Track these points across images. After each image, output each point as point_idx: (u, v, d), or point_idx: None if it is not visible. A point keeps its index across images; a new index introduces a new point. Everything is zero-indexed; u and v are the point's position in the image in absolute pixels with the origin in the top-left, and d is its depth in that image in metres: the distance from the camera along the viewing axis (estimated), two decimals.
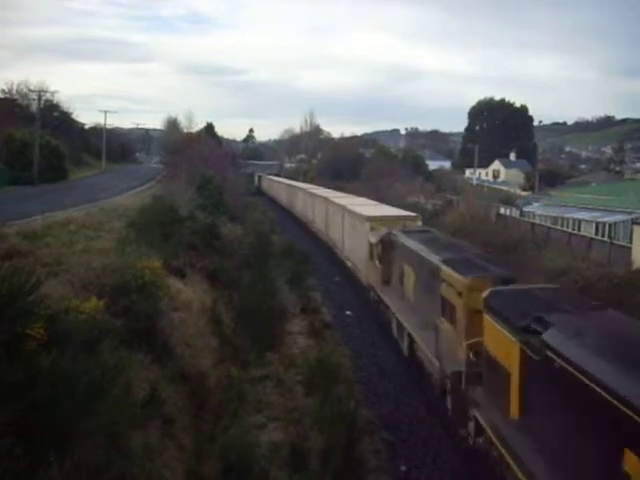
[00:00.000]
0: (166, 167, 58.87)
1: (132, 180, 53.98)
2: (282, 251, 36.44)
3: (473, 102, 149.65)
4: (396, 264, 22.17)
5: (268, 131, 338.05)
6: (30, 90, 63.89)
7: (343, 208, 34.37)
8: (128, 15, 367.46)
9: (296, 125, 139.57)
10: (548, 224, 50.02)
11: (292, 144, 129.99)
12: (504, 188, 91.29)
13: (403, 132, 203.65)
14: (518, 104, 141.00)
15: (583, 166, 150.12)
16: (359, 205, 34.12)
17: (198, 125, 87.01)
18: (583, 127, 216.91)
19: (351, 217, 31.52)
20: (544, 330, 9.50)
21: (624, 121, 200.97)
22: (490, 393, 11.78)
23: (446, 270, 15.43)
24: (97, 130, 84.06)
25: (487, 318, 11.89)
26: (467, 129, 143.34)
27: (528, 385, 9.98)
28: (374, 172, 69.87)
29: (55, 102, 71.69)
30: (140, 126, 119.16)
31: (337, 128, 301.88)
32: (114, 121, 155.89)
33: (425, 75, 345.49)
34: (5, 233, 17.87)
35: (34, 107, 59.30)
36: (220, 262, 24.37)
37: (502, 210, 59.05)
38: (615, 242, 39.31)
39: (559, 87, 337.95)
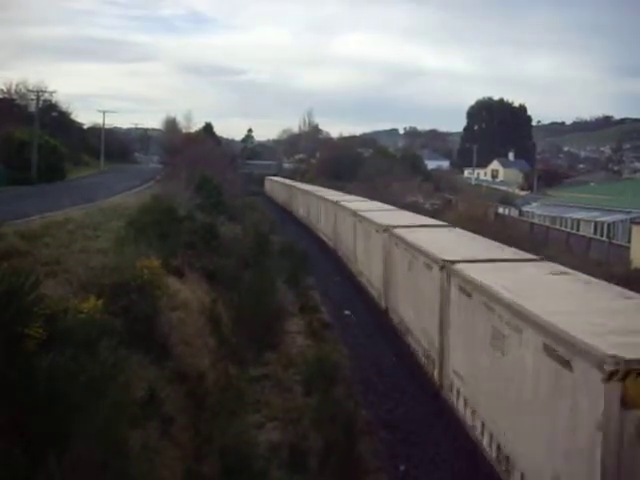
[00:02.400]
0: (165, 167, 58.89)
1: (131, 180, 53.92)
2: (281, 250, 36.43)
3: (472, 102, 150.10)
4: None
5: (267, 131, 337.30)
6: (29, 90, 64.01)
7: None
8: (127, 15, 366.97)
9: (295, 125, 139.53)
10: (547, 224, 50.10)
11: (291, 144, 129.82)
12: (503, 188, 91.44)
13: (402, 132, 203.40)
14: (517, 104, 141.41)
15: (582, 166, 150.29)
16: None
17: (197, 125, 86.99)
18: (582, 127, 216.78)
19: None
20: None
21: (622, 121, 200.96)
22: None
23: None
24: (96, 130, 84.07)
25: None
26: (466, 129, 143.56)
27: None
28: (372, 172, 69.87)
29: (54, 102, 71.72)
30: (139, 126, 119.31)
31: (336, 128, 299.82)
32: (113, 121, 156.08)
33: (424, 75, 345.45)
34: (3, 233, 17.85)
35: (33, 107, 59.23)
36: (219, 262, 24.36)
37: (501, 210, 59.17)
38: (614, 242, 39.38)
39: (558, 87, 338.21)
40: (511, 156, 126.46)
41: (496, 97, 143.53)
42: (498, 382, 10.95)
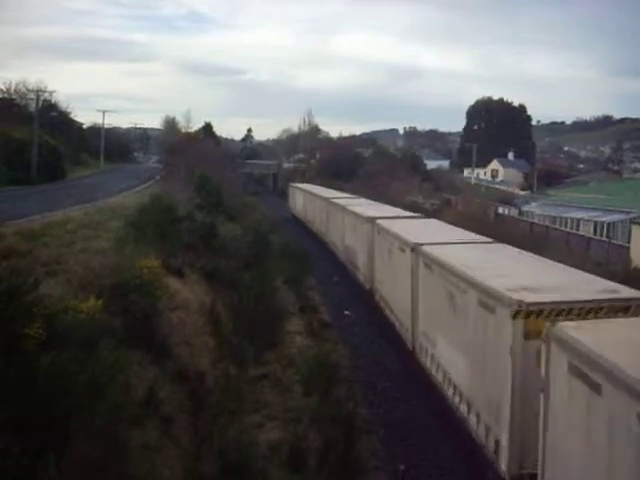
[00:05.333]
0: (164, 167, 58.86)
1: (130, 180, 53.87)
2: (281, 250, 36.39)
3: (471, 101, 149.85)
4: None
5: (266, 131, 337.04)
6: (28, 90, 63.95)
7: None
8: (128, 15, 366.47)
9: (294, 125, 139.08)
10: (547, 223, 50.11)
11: (290, 144, 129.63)
12: (502, 187, 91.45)
13: (401, 132, 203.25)
14: (516, 103, 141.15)
15: (581, 165, 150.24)
16: None
17: (196, 124, 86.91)
18: (581, 126, 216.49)
19: None
20: None
21: (622, 120, 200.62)
22: None
23: None
24: (95, 129, 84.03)
25: None
26: (465, 128, 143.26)
27: None
28: (372, 172, 69.86)
29: (53, 102, 71.52)
30: (138, 125, 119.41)
31: (335, 128, 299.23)
32: (112, 121, 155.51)
33: (424, 75, 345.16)
34: (3, 233, 17.85)
35: (32, 107, 59.18)
36: (218, 262, 24.35)
37: (501, 209, 59.19)
38: (613, 241, 39.39)
39: (558, 86, 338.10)
40: (511, 156, 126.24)
41: (496, 97, 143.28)
42: (453, 334, 13.85)
